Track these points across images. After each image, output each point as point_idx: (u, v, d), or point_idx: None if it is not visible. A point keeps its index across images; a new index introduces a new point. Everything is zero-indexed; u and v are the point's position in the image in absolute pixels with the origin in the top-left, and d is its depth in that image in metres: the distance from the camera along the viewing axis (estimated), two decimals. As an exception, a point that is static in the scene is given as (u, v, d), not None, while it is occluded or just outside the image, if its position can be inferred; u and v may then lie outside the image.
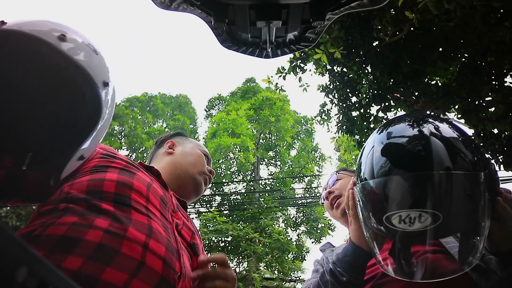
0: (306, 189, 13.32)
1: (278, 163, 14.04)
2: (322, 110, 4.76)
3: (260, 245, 9.63)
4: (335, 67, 4.28)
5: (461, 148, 0.63)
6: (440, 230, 0.59)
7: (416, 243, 0.72)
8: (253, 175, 13.17)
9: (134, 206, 0.70)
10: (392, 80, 3.89)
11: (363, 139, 4.33)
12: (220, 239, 9.65)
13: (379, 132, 0.71)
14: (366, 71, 4.09)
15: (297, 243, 11.44)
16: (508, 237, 0.65)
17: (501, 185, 0.67)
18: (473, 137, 3.70)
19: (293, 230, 12.14)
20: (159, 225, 0.72)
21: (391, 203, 0.61)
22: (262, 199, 11.20)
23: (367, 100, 4.15)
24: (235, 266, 9.73)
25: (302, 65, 4.21)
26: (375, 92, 4.05)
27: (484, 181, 0.61)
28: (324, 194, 1.22)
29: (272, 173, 14.16)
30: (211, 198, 12.46)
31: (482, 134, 3.68)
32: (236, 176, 12.96)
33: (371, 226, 0.68)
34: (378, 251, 0.70)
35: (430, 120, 0.69)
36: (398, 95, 3.95)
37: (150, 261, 0.62)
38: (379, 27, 3.54)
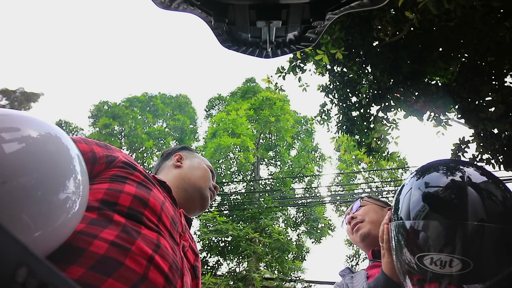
0: (306, 189, 13.33)
1: (278, 163, 14.05)
2: (322, 110, 4.76)
3: (260, 245, 9.63)
4: (335, 67, 4.28)
5: (497, 201, 0.64)
6: (470, 276, 0.61)
7: (443, 284, 0.75)
8: (253, 175, 13.17)
9: (146, 223, 0.71)
10: (392, 80, 3.90)
11: (363, 139, 4.33)
12: (220, 239, 9.64)
13: (417, 178, 0.73)
14: (366, 71, 4.09)
15: (297, 243, 11.44)
16: None
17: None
18: (474, 136, 3.69)
19: (293, 230, 12.14)
20: (167, 242, 0.72)
21: (424, 245, 0.64)
22: (262, 199, 11.20)
23: (367, 100, 4.15)
24: (235, 266, 9.73)
25: (302, 65, 4.21)
26: (375, 92, 4.05)
27: None
28: (347, 219, 1.29)
29: (272, 173, 14.16)
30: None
31: (482, 134, 3.68)
32: (236, 176, 12.96)
33: (403, 261, 0.71)
34: (408, 284, 0.73)
35: (468, 168, 0.70)
36: (398, 95, 3.95)
37: (152, 275, 0.63)
38: (379, 27, 3.54)
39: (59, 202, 0.49)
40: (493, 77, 3.50)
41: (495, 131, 3.56)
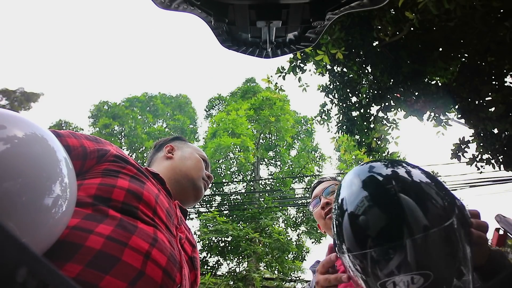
0: (306, 189, 13.32)
1: (278, 163, 14.05)
2: (322, 110, 4.76)
3: (260, 245, 9.62)
4: (335, 67, 4.28)
5: (433, 200, 0.63)
6: (435, 285, 0.61)
7: None
8: (253, 175, 13.17)
9: (141, 217, 0.70)
10: (392, 80, 3.90)
11: (363, 139, 4.33)
12: (220, 239, 9.64)
13: (345, 203, 0.69)
14: (366, 71, 4.09)
15: (297, 243, 11.43)
16: (484, 254, 0.70)
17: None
18: (474, 136, 3.68)
19: (293, 230, 12.14)
20: (164, 236, 0.71)
21: (380, 272, 0.63)
22: (262, 199, 11.20)
23: (367, 100, 4.15)
24: (235, 266, 9.73)
25: (302, 65, 4.21)
26: (375, 92, 4.05)
27: (458, 222, 0.62)
28: (322, 204, 1.20)
29: (272, 173, 14.16)
30: (211, 198, 12.46)
31: (482, 134, 3.68)
32: (236, 176, 12.96)
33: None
34: None
35: (394, 172, 0.67)
36: (398, 95, 3.95)
37: (150, 270, 0.62)
38: (379, 27, 3.54)
39: (45, 208, 0.46)
40: (493, 77, 3.50)
41: (495, 131, 3.56)
